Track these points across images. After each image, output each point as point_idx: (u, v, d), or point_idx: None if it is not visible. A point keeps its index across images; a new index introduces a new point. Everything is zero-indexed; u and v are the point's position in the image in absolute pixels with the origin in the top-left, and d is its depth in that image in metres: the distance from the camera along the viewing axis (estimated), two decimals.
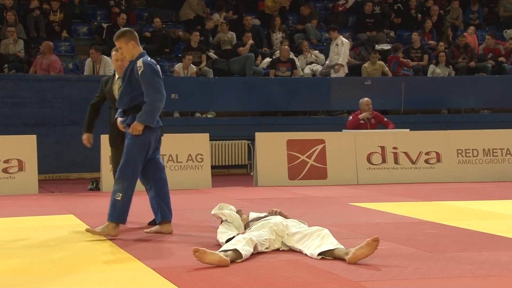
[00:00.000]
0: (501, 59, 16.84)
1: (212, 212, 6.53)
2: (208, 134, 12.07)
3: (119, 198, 6.68)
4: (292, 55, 15.94)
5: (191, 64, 14.94)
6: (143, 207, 7.62)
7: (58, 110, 13.81)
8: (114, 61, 7.49)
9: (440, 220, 7.72)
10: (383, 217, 8.15)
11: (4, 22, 15.31)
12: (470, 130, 13.26)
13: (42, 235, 7.05)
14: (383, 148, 12.43)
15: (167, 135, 10.82)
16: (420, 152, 12.51)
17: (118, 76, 7.52)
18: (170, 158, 11.66)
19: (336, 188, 11.48)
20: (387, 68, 16.09)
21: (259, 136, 12.26)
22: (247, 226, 6.24)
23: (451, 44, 17.48)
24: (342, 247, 5.57)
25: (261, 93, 15.16)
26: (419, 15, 18.70)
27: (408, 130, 13.22)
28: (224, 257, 5.35)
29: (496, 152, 12.69)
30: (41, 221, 8.15)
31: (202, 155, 11.82)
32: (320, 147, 12.21)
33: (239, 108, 15.34)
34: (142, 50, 6.93)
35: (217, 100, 14.95)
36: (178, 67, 14.99)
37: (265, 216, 6.30)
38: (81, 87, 13.57)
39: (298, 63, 15.99)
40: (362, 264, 5.34)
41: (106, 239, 6.65)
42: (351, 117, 13.43)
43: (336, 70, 15.65)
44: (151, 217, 7.48)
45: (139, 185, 7.02)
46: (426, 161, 12.52)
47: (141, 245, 6.45)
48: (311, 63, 16.34)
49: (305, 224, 6.17)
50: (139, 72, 6.72)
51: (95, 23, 16.84)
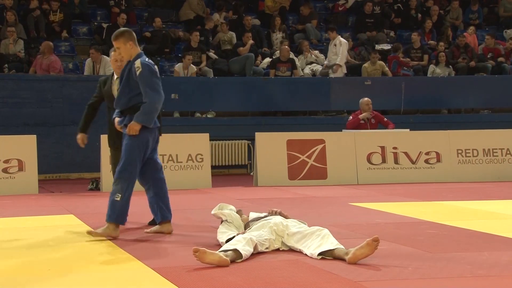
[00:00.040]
0: (500, 59, 16.84)
1: (212, 212, 6.53)
2: (208, 134, 12.07)
3: (118, 199, 6.67)
4: (292, 55, 15.94)
5: (191, 64, 14.94)
6: (143, 207, 7.61)
7: (58, 110, 13.82)
8: (113, 61, 7.46)
9: (440, 220, 7.72)
10: (383, 217, 8.15)
11: (4, 22, 15.30)
12: (470, 130, 13.26)
13: (42, 235, 7.05)
14: (383, 148, 12.43)
15: (167, 135, 10.89)
16: (420, 152, 12.51)
17: (117, 76, 7.49)
18: (170, 158, 11.67)
19: (336, 188, 11.47)
20: (387, 68, 16.09)
21: (259, 136, 12.26)
22: (247, 226, 6.24)
23: (451, 44, 17.48)
24: (342, 247, 5.57)
25: (261, 93, 15.16)
26: (419, 15, 18.70)
27: (408, 130, 13.22)
28: (224, 257, 5.35)
29: (496, 152, 12.69)
30: (41, 221, 8.15)
31: (202, 155, 11.82)
32: (320, 147, 12.21)
33: (239, 108, 15.34)
34: (140, 50, 6.91)
35: (217, 100, 14.95)
36: (178, 67, 14.99)
37: (265, 216, 6.30)
38: (81, 87, 13.56)
39: (298, 63, 15.98)
40: (362, 264, 5.34)
41: (106, 239, 6.65)
42: (351, 117, 13.43)
43: (334, 71, 15.65)
44: (151, 217, 7.47)
45: (138, 185, 7.02)
46: (426, 161, 12.51)
47: (141, 245, 6.45)
48: (311, 63, 16.34)
49: (305, 224, 6.16)
50: (137, 73, 6.69)
51: (95, 23, 16.84)
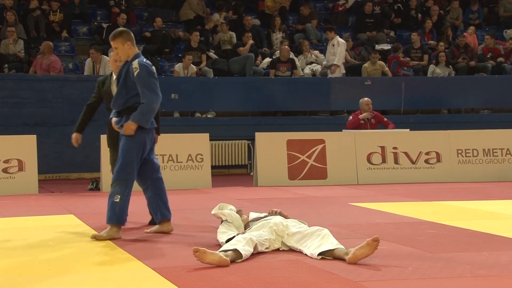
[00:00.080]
0: (500, 59, 16.83)
1: (212, 212, 6.53)
2: (208, 134, 12.06)
3: (118, 200, 6.65)
4: (292, 55, 15.94)
5: (191, 64, 14.94)
6: (142, 207, 7.61)
7: (58, 110, 13.82)
8: (112, 61, 7.43)
9: (440, 220, 7.71)
10: (383, 217, 8.15)
11: (4, 22, 15.30)
12: (470, 130, 13.26)
13: (42, 235, 7.05)
14: (383, 148, 12.43)
15: (167, 135, 10.90)
16: (420, 152, 12.51)
17: (115, 76, 7.48)
18: (170, 158, 11.66)
19: (336, 188, 11.47)
20: (387, 68, 16.09)
21: (259, 136, 12.26)
22: (247, 226, 6.24)
23: (451, 44, 17.48)
24: (342, 247, 5.57)
25: (261, 93, 15.16)
26: (419, 15, 18.70)
27: (408, 130, 13.22)
28: (224, 257, 5.34)
29: (496, 152, 12.69)
30: (41, 221, 8.15)
31: (202, 155, 11.82)
32: (320, 147, 12.21)
33: (239, 108, 15.34)
34: (137, 51, 6.87)
35: (217, 100, 14.95)
36: (178, 67, 14.99)
37: (265, 216, 6.30)
38: (81, 87, 13.56)
39: (298, 63, 15.98)
40: (362, 264, 5.34)
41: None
42: (351, 117, 13.42)
43: (332, 71, 15.65)
44: (150, 217, 7.50)
45: (137, 185, 7.00)
46: (426, 161, 12.51)
47: (141, 245, 6.45)
48: (311, 63, 16.34)
49: (305, 224, 6.16)
50: (135, 73, 6.66)
51: (95, 23, 16.84)
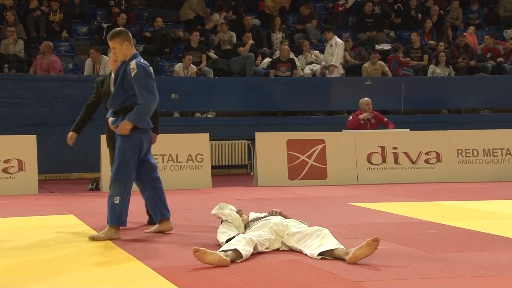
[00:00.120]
0: (499, 59, 16.83)
1: (212, 212, 6.53)
2: (208, 134, 12.06)
3: (118, 202, 6.62)
4: (292, 55, 15.93)
5: (191, 64, 14.93)
6: (142, 207, 7.61)
7: (58, 110, 13.82)
8: (112, 61, 7.37)
9: (440, 220, 7.71)
10: (383, 217, 8.15)
11: (4, 22, 15.30)
12: (470, 130, 13.26)
13: (42, 235, 7.05)
14: (383, 148, 12.43)
15: (167, 135, 10.91)
16: (420, 152, 12.51)
17: None
18: (170, 158, 11.66)
19: (336, 188, 11.47)
20: (387, 68, 16.08)
21: (259, 136, 12.25)
22: (247, 226, 6.24)
23: (451, 44, 17.48)
24: (342, 247, 5.56)
25: (261, 93, 15.16)
26: (419, 15, 18.70)
27: (408, 130, 13.22)
28: (224, 257, 5.34)
29: (496, 152, 12.69)
30: (41, 221, 8.15)
31: (202, 155, 11.82)
32: (320, 147, 12.21)
33: (239, 108, 15.34)
34: (135, 51, 6.84)
35: (217, 100, 14.95)
36: (178, 67, 14.99)
37: (265, 216, 6.30)
38: (81, 87, 13.55)
39: (298, 63, 15.98)
40: (362, 264, 5.34)
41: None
42: (351, 117, 13.42)
43: (330, 72, 15.65)
44: (148, 217, 7.52)
45: (135, 185, 6.99)
46: (426, 161, 12.51)
47: (141, 245, 6.45)
48: (311, 63, 16.33)
49: (305, 224, 6.16)
50: (132, 74, 6.63)
51: (95, 23, 16.84)
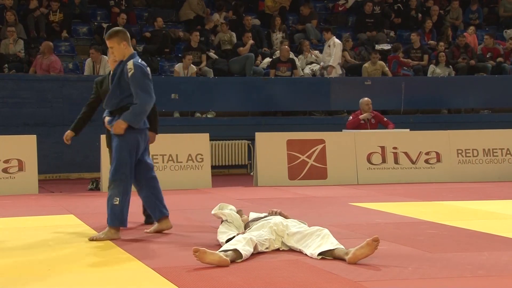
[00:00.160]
0: (499, 59, 16.83)
1: (212, 212, 6.53)
2: (208, 134, 12.06)
3: (117, 203, 6.61)
4: (292, 55, 15.93)
5: (191, 64, 14.93)
6: (141, 207, 7.61)
7: (58, 110, 13.82)
8: (112, 61, 7.36)
9: (440, 220, 7.71)
10: (383, 217, 8.15)
11: (4, 22, 15.30)
12: (470, 130, 13.26)
13: (42, 235, 7.05)
14: (383, 148, 12.43)
15: (167, 135, 10.92)
16: (420, 152, 12.51)
17: None
18: (170, 158, 11.67)
19: (336, 188, 11.47)
20: (387, 68, 16.08)
21: (259, 136, 12.25)
22: (247, 226, 6.24)
23: (451, 44, 17.47)
24: (342, 247, 5.56)
25: (261, 93, 15.15)
26: (419, 15, 18.70)
27: (408, 130, 13.22)
28: (224, 257, 5.34)
29: (496, 152, 12.69)
30: (41, 221, 8.15)
31: (202, 155, 11.82)
32: (320, 147, 12.21)
33: (239, 108, 15.34)
34: (133, 51, 6.83)
35: (217, 100, 14.94)
36: (178, 67, 14.98)
37: (265, 216, 6.30)
38: (81, 87, 13.55)
39: (298, 63, 15.98)
40: (362, 264, 5.34)
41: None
42: (351, 117, 13.42)
43: (328, 72, 15.65)
44: (144, 217, 7.55)
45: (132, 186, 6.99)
46: (426, 161, 12.51)
47: (141, 245, 6.45)
48: (311, 63, 16.33)
49: (305, 224, 6.16)
50: (129, 74, 6.61)
51: (95, 23, 16.84)
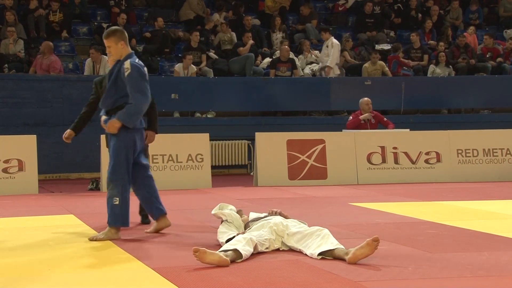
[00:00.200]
0: (499, 59, 16.83)
1: (212, 212, 6.53)
2: (208, 134, 12.06)
3: (117, 203, 6.60)
4: (292, 55, 15.93)
5: (191, 64, 14.93)
6: (137, 207, 7.63)
7: (58, 110, 13.81)
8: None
9: (440, 220, 7.71)
10: (383, 217, 8.15)
11: (4, 22, 15.30)
12: (470, 130, 13.26)
13: (42, 235, 7.05)
14: (383, 148, 12.43)
15: (167, 135, 10.93)
16: (420, 152, 12.51)
17: None
18: (170, 158, 11.67)
19: (336, 188, 11.47)
20: (387, 68, 16.08)
21: (259, 136, 12.25)
22: (247, 226, 6.25)
23: (451, 44, 17.47)
24: (342, 247, 5.56)
25: (261, 93, 15.15)
26: (419, 15, 18.70)
27: (408, 130, 13.22)
28: (224, 257, 5.34)
29: (496, 152, 12.69)
30: (41, 221, 8.15)
31: (202, 155, 11.82)
32: (320, 147, 12.21)
33: (239, 108, 15.34)
34: (130, 50, 6.80)
35: (217, 100, 14.94)
36: (178, 67, 14.98)
37: (265, 216, 6.30)
38: (81, 87, 13.54)
39: (298, 63, 15.98)
40: (362, 264, 5.34)
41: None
42: (351, 117, 13.41)
43: (326, 73, 15.64)
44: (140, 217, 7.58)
45: None
46: (426, 161, 12.51)
47: (141, 245, 6.45)
48: (311, 63, 16.33)
49: (305, 224, 6.16)
50: (126, 73, 6.58)
51: (95, 23, 16.84)
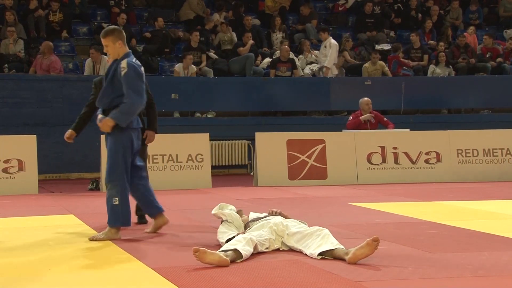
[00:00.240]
0: (499, 59, 16.82)
1: (212, 212, 6.53)
2: (208, 134, 12.06)
3: (117, 203, 6.60)
4: (292, 55, 15.93)
5: (191, 64, 14.93)
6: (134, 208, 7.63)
7: (58, 110, 13.81)
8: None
9: (440, 220, 7.72)
10: (383, 217, 8.15)
11: (4, 22, 15.30)
12: (470, 130, 13.26)
13: (42, 235, 7.05)
14: (383, 148, 12.43)
15: (167, 135, 10.93)
16: (420, 152, 12.51)
17: None
18: (170, 158, 11.67)
19: (336, 188, 11.47)
20: (387, 68, 16.08)
21: (259, 136, 12.25)
22: (247, 226, 6.25)
23: (451, 44, 17.47)
24: (342, 247, 5.57)
25: (261, 93, 15.15)
26: (419, 15, 18.70)
27: (408, 130, 13.22)
28: (224, 257, 5.34)
29: (496, 152, 12.69)
30: (41, 221, 8.15)
31: (202, 155, 11.82)
32: (320, 147, 12.21)
33: (239, 108, 15.34)
34: (128, 50, 6.79)
35: (217, 100, 14.94)
36: (178, 67, 14.98)
37: (265, 216, 6.30)
38: (81, 87, 13.54)
39: (298, 63, 15.98)
40: (362, 264, 5.34)
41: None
42: (351, 117, 13.40)
43: (324, 73, 15.64)
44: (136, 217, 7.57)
45: None
46: (426, 161, 12.51)
47: (141, 245, 6.45)
48: (311, 63, 16.33)
49: (305, 224, 6.16)
50: (122, 73, 6.57)
51: (95, 23, 16.84)
